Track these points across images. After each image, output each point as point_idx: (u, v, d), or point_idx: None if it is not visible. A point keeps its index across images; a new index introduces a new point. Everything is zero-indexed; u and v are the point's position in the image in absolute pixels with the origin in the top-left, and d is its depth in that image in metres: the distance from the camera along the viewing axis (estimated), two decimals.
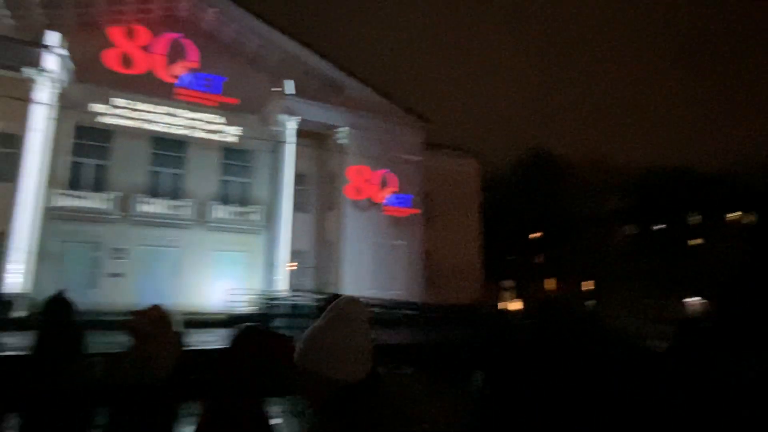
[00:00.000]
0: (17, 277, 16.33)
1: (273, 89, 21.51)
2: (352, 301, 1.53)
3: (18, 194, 16.69)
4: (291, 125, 21.36)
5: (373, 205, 22.44)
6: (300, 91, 22.21)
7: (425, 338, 13.27)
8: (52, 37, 17.59)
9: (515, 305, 33.06)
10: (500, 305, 34.03)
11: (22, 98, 16.88)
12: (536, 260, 39.87)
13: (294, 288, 20.73)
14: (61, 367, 2.62)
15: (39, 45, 17.21)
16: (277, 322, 15.64)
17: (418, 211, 23.48)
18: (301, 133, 21.79)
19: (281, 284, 20.21)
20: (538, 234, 39.72)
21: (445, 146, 27.54)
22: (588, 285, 36.85)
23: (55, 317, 2.73)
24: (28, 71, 16.93)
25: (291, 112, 21.32)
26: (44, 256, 18.13)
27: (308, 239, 22.98)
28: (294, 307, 18.94)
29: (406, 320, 17.20)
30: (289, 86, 21.72)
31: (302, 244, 22.54)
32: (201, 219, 20.89)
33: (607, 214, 37.44)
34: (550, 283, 38.88)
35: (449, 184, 26.44)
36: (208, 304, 19.87)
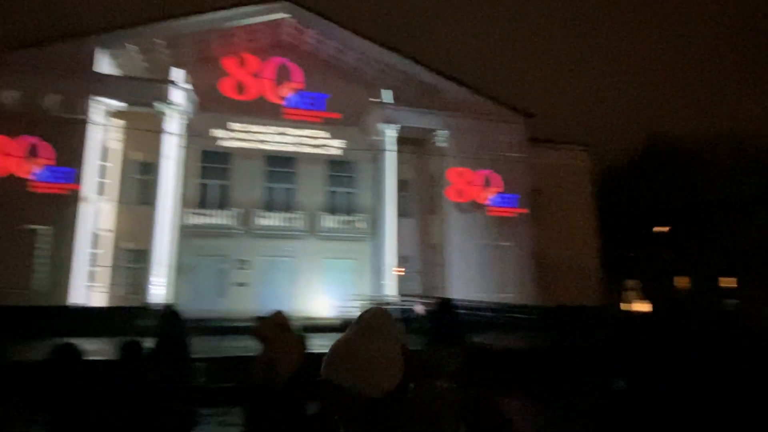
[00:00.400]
0: (160, 289, 18.45)
1: (372, 100, 22.09)
2: (380, 312, 1.47)
3: (157, 215, 18.89)
4: (391, 133, 21.75)
5: (477, 206, 21.99)
6: (397, 99, 22.58)
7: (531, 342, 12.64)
8: (177, 74, 19.76)
9: (641, 306, 30.29)
10: (623, 306, 31.41)
11: (156, 130, 19.15)
12: (663, 256, 36.21)
13: (402, 293, 20.98)
14: (171, 369, 2.85)
15: (167, 81, 19.41)
16: None
17: (525, 210, 22.56)
18: (401, 140, 22.11)
19: (390, 289, 20.54)
20: (664, 227, 36.07)
21: (552, 140, 26.18)
22: (728, 282, 32.66)
23: (167, 327, 2.99)
24: (159, 106, 19.16)
25: (390, 121, 21.73)
26: (181, 269, 20.31)
27: (414, 244, 23.16)
28: (403, 311, 19.17)
29: (516, 324, 16.56)
30: (387, 95, 22.18)
31: (408, 249, 22.74)
32: (312, 229, 22.01)
33: (747, 199, 32.83)
34: (681, 281, 35.11)
35: (559, 179, 25.01)
36: (321, 310, 20.85)
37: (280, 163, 22.72)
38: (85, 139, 18.02)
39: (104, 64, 19.49)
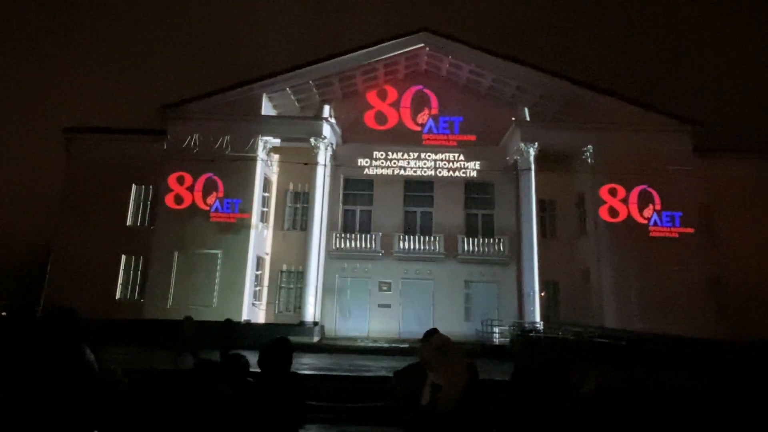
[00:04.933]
0: (312, 308, 19.86)
1: (511, 118, 21.55)
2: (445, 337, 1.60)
3: (310, 240, 20.50)
4: (530, 152, 20.92)
5: (635, 226, 19.92)
6: (537, 116, 21.81)
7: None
8: (326, 110, 21.49)
9: None
10: None
11: (308, 162, 20.95)
12: None
13: (546, 319, 19.79)
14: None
15: (320, 118, 21.20)
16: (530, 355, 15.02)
17: (691, 229, 19.86)
18: (544, 158, 21.13)
19: (533, 315, 19.49)
20: None
21: (725, 149, 22.77)
22: None
23: (276, 360, 3.11)
24: (312, 140, 20.97)
25: (529, 139, 20.93)
26: (328, 289, 21.70)
27: (560, 268, 21.74)
28: (547, 339, 18.04)
29: (688, 360, 14.41)
30: (525, 113, 21.50)
31: (554, 273, 21.43)
32: (450, 252, 21.95)
33: None
34: None
35: (735, 194, 21.58)
36: (461, 334, 20.51)
37: (419, 188, 23.23)
38: (251, 174, 20.42)
39: (265, 106, 22.02)
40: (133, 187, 22.01)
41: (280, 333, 16.66)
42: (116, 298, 20.83)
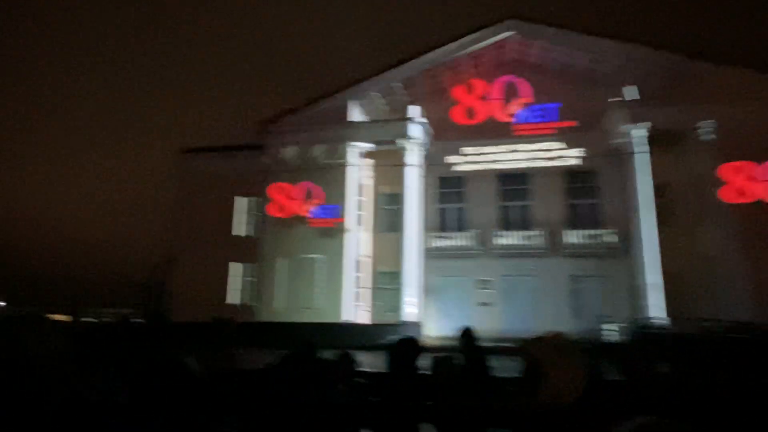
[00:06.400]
0: (412, 308, 19.89)
1: (612, 100, 20.04)
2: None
3: (405, 240, 20.58)
4: (639, 133, 19.27)
5: (767, 207, 17.58)
6: (644, 94, 20.01)
7: None
8: (414, 110, 21.46)
9: None
10: None
11: (400, 164, 21.07)
12: None
13: (672, 314, 18.05)
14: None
15: (406, 119, 21.25)
16: (656, 353, 13.76)
17: None
18: (653, 139, 19.37)
19: (653, 310, 17.87)
20: None
21: None
22: None
23: (403, 358, 3.01)
24: (401, 142, 21.05)
25: (637, 120, 19.30)
26: (428, 289, 21.60)
27: (681, 257, 19.74)
28: (673, 336, 16.47)
29: None
30: (630, 92, 19.86)
31: (671, 264, 19.52)
32: (554, 247, 20.85)
33: None
34: None
35: None
36: (571, 332, 19.34)
37: (514, 181, 22.37)
38: (345, 179, 20.97)
39: (354, 112, 22.51)
40: (239, 199, 23.57)
41: (381, 333, 17.02)
42: (234, 303, 22.46)
